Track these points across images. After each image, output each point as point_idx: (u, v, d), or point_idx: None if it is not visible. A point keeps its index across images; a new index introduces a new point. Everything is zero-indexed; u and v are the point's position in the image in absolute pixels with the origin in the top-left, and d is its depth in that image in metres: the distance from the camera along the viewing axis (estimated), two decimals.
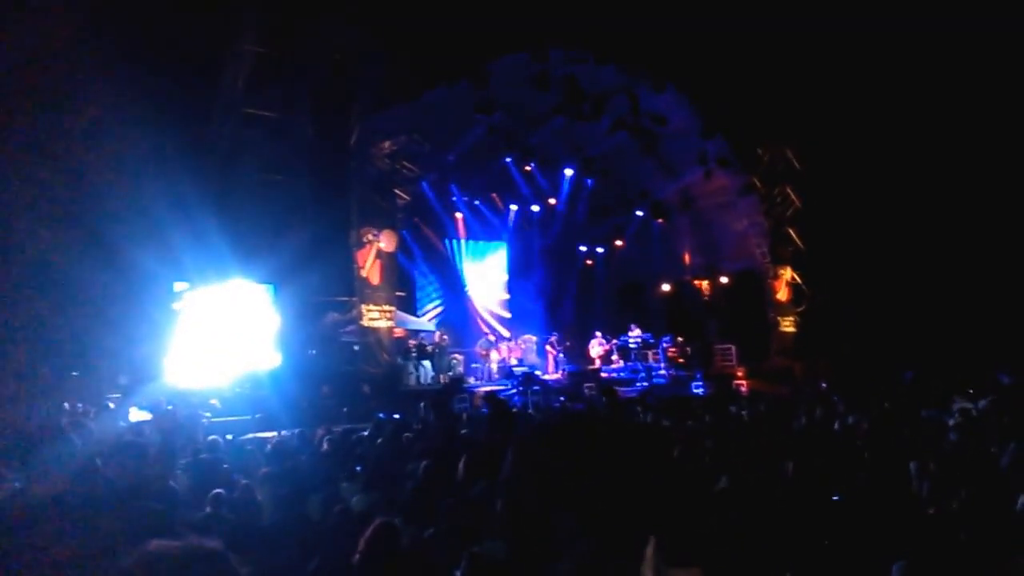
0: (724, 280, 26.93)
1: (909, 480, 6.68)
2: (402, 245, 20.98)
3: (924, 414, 11.54)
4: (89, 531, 2.99)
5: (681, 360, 24.56)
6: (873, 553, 4.54)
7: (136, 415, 11.10)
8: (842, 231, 23.00)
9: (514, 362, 23.16)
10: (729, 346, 25.66)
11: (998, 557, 4.27)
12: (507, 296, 28.24)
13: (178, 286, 15.60)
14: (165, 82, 14.71)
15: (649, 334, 24.55)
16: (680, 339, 25.04)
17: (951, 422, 10.62)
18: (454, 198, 25.83)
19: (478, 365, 23.30)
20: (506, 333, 26.20)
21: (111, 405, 11.46)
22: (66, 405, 10.41)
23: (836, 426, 10.87)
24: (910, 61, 21.63)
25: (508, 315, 27.83)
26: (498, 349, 23.94)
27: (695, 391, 21.36)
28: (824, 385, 18.47)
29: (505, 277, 28.33)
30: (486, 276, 27.77)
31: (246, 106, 16.60)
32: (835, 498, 6.18)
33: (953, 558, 4.47)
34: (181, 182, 14.66)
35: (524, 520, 1.35)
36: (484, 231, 27.43)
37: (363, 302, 18.70)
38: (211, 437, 10.07)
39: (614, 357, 25.04)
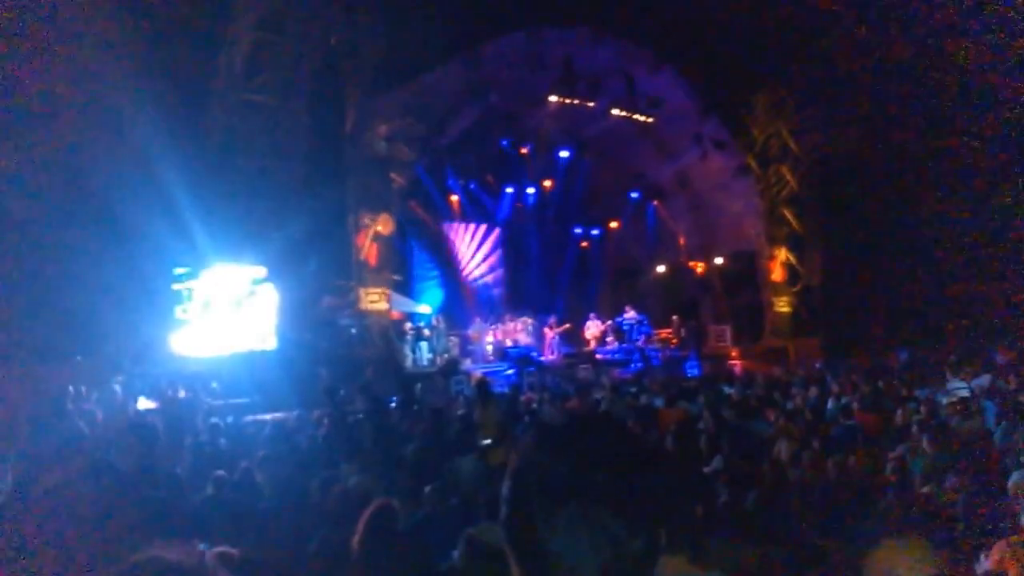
0: (719, 261, 26.97)
1: (902, 459, 6.76)
2: (398, 228, 20.98)
3: (918, 393, 11.65)
4: (98, 518, 3.05)
5: (675, 341, 24.69)
6: (864, 532, 4.60)
7: (143, 403, 11.16)
8: (837, 212, 23.04)
9: (510, 344, 23.21)
10: (724, 327, 25.76)
11: (990, 535, 4.34)
12: (503, 278, 28.26)
13: (178, 270, 15.63)
14: (166, 66, 14.70)
15: (644, 315, 24.62)
16: (675, 318, 25.15)
17: (945, 402, 10.75)
18: (449, 181, 25.78)
19: (474, 347, 23.37)
20: (502, 315, 26.25)
21: (117, 388, 11.51)
22: (71, 389, 10.45)
23: (830, 406, 10.97)
24: (905, 43, 21.61)
25: (504, 297, 27.87)
26: (493, 331, 23.98)
27: (689, 372, 21.45)
28: (818, 365, 18.57)
29: (500, 260, 28.32)
30: (481, 259, 27.78)
31: (242, 92, 16.57)
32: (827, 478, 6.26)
33: (945, 536, 4.55)
34: (182, 166, 14.67)
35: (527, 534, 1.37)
36: (480, 214, 27.40)
37: (361, 285, 18.74)
38: (212, 420, 10.15)
39: (609, 338, 25.12)
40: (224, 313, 16.10)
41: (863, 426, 8.91)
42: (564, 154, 25.77)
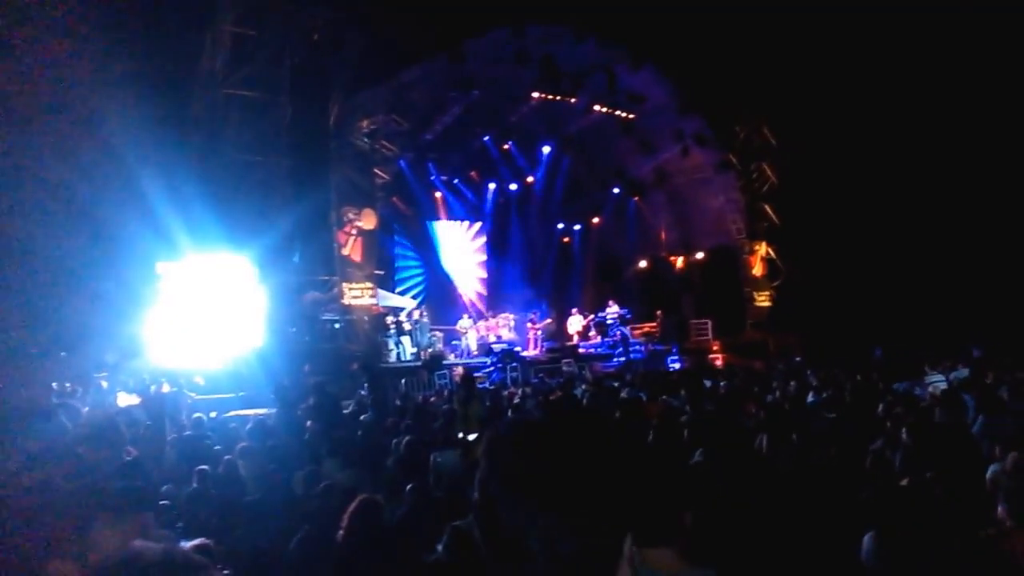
0: (700, 256, 27.11)
1: (881, 452, 6.82)
2: (382, 224, 20.97)
3: (897, 386, 11.76)
4: (68, 511, 3.05)
5: (658, 335, 24.80)
6: (846, 523, 4.65)
7: (125, 399, 11.11)
8: (817, 207, 23.17)
9: (493, 339, 23.24)
10: (705, 321, 25.89)
11: (969, 527, 4.39)
12: (486, 273, 28.30)
13: (161, 265, 15.57)
14: (148, 61, 14.61)
15: (627, 309, 24.72)
16: (659, 312, 25.27)
17: (924, 394, 10.85)
18: (432, 177, 25.81)
19: (457, 342, 23.40)
20: (482, 306, 26.32)
21: (104, 384, 11.46)
22: (54, 385, 10.40)
23: (810, 399, 11.05)
24: (884, 38, 21.77)
25: (486, 293, 27.92)
26: (476, 327, 24.02)
27: (671, 365, 21.53)
28: (798, 359, 18.68)
29: (484, 255, 28.37)
30: (465, 254, 27.79)
31: (225, 86, 16.50)
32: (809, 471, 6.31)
33: (924, 528, 4.60)
34: (166, 161, 14.61)
35: (497, 522, 1.40)
36: (463, 209, 27.41)
37: (344, 280, 18.72)
38: (196, 415, 10.14)
39: (592, 333, 25.21)
40: (208, 311, 16.05)
41: (842, 419, 8.97)
42: (546, 150, 25.81)
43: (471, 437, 8.93)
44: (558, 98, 22.06)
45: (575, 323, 25.57)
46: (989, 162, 21.43)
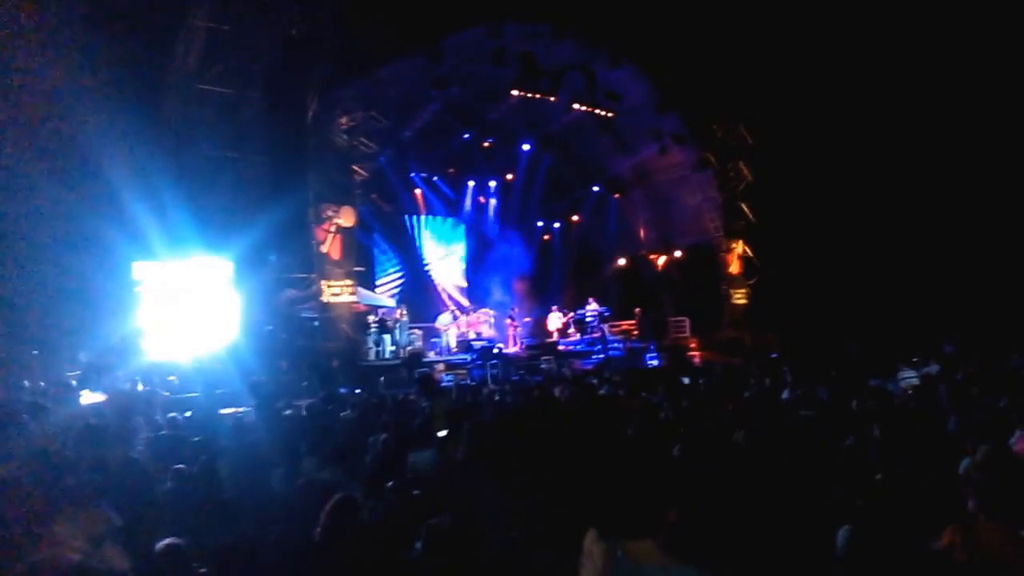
0: (678, 254, 27.25)
1: (855, 447, 6.88)
2: (361, 221, 20.91)
3: (871, 383, 11.87)
4: (30, 509, 3.04)
5: (635, 333, 24.93)
6: (820, 518, 4.69)
7: (89, 397, 11.02)
8: (793, 205, 23.34)
9: (473, 336, 23.26)
10: (683, 318, 26.04)
11: (942, 521, 4.43)
12: (466, 271, 28.30)
13: (137, 264, 15.45)
14: (121, 57, 14.47)
15: (606, 307, 24.82)
16: (638, 310, 25.39)
17: (898, 390, 10.96)
18: (412, 174, 25.77)
19: (437, 340, 23.38)
20: (466, 302, 26.34)
21: (73, 383, 11.36)
22: (26, 383, 10.30)
23: (785, 395, 11.12)
24: (858, 39, 21.93)
25: (467, 289, 27.91)
26: (457, 323, 24.03)
27: (649, 363, 21.63)
28: (774, 355, 18.79)
29: (464, 252, 28.38)
30: (445, 251, 27.78)
31: (199, 82, 16.39)
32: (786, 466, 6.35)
33: (898, 522, 4.65)
34: (140, 159, 14.50)
35: (472, 503, 1.41)
36: (443, 207, 27.40)
37: (323, 278, 18.67)
38: (170, 414, 10.06)
39: (571, 330, 25.28)
40: (183, 309, 15.95)
41: (817, 415, 9.04)
42: (526, 147, 25.85)
43: (441, 434, 8.93)
44: (537, 96, 22.08)
45: (555, 320, 25.65)
46: (963, 161, 21.62)
